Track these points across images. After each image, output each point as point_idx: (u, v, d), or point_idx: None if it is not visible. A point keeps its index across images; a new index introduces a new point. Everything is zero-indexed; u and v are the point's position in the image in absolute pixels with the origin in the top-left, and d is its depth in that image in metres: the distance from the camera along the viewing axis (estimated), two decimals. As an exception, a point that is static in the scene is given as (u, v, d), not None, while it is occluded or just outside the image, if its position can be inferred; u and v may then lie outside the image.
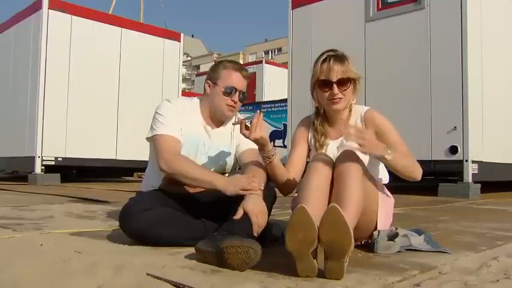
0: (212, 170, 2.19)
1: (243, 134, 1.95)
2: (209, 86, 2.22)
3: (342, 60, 2.01)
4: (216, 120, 2.25)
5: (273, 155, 2.01)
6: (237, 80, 2.18)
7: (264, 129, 1.94)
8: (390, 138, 1.98)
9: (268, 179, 2.07)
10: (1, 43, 8.98)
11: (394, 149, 1.86)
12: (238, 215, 1.79)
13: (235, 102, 2.18)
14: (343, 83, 2.01)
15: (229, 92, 2.15)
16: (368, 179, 1.86)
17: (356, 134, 1.72)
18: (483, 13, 5.66)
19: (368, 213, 1.84)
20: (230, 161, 2.26)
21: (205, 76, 2.29)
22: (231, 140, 2.27)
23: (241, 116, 2.24)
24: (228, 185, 1.90)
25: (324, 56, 2.04)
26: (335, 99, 2.02)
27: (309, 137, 2.17)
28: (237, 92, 2.17)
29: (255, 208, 1.80)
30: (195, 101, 2.28)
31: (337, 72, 1.99)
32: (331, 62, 2.00)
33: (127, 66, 8.45)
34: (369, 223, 1.90)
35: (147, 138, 2.17)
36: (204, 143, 2.20)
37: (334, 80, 1.99)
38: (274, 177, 2.06)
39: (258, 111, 2.07)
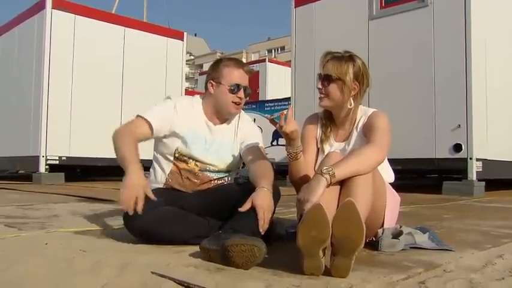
0: (216, 166, 2.21)
1: (280, 127, 1.86)
2: (212, 86, 2.22)
3: (339, 60, 2.00)
4: (221, 118, 2.26)
5: (301, 151, 1.97)
6: (240, 76, 2.20)
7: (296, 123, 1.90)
8: (371, 135, 1.94)
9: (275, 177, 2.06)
10: (5, 43, 9.01)
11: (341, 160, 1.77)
12: (245, 207, 1.79)
13: (240, 99, 2.19)
14: (325, 79, 2.01)
15: (234, 89, 2.17)
16: (377, 178, 1.84)
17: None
18: (487, 10, 5.63)
19: (376, 211, 1.84)
20: (234, 157, 2.26)
21: (206, 76, 2.29)
22: (235, 137, 2.27)
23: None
24: (129, 177, 1.88)
25: (326, 54, 2.04)
26: (320, 95, 2.04)
27: (317, 136, 2.16)
28: (242, 88, 2.19)
29: (264, 204, 1.80)
30: (198, 99, 2.30)
31: (327, 68, 2.00)
32: (328, 58, 2.02)
33: (130, 65, 8.46)
34: (376, 221, 1.90)
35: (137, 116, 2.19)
36: (205, 139, 2.20)
37: (321, 74, 2.02)
38: (297, 174, 2.00)
39: (290, 104, 2.06)
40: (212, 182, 2.23)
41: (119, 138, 2.03)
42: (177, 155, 2.18)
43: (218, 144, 2.22)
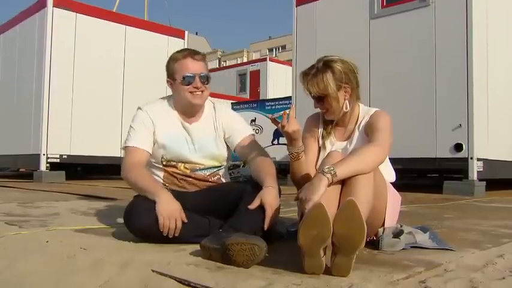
0: (203, 164, 2.21)
1: (282, 126, 1.87)
2: (171, 85, 2.22)
3: (315, 76, 1.99)
4: (192, 113, 2.23)
5: (302, 151, 1.97)
6: (190, 65, 2.14)
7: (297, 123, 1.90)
8: (372, 135, 1.95)
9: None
10: (6, 41, 9.02)
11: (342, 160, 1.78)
12: (255, 204, 1.81)
13: (197, 88, 2.14)
14: (319, 99, 2.03)
15: (187, 81, 2.13)
16: (378, 177, 1.84)
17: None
18: (489, 9, 5.63)
19: (377, 210, 1.84)
20: (220, 151, 2.26)
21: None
22: (215, 130, 2.25)
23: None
24: (162, 205, 1.88)
25: (301, 78, 2.05)
26: (323, 111, 2.07)
27: (319, 135, 2.16)
28: (196, 77, 2.14)
29: (272, 202, 1.82)
30: (170, 101, 2.28)
31: (310, 90, 2.02)
32: (307, 79, 2.02)
33: (131, 64, 8.46)
34: (377, 220, 1.90)
35: (122, 148, 2.21)
36: (186, 141, 2.20)
37: (312, 96, 2.04)
38: (298, 174, 2.00)
39: (292, 104, 2.07)
40: (208, 177, 2.23)
41: (130, 176, 2.06)
42: (164, 162, 2.20)
43: (199, 142, 2.21)
